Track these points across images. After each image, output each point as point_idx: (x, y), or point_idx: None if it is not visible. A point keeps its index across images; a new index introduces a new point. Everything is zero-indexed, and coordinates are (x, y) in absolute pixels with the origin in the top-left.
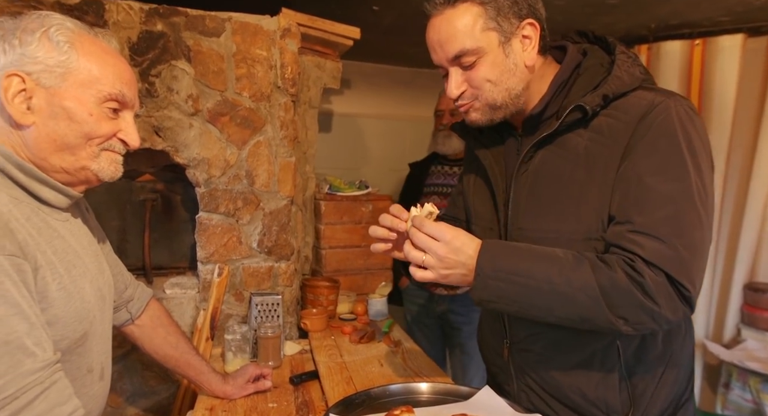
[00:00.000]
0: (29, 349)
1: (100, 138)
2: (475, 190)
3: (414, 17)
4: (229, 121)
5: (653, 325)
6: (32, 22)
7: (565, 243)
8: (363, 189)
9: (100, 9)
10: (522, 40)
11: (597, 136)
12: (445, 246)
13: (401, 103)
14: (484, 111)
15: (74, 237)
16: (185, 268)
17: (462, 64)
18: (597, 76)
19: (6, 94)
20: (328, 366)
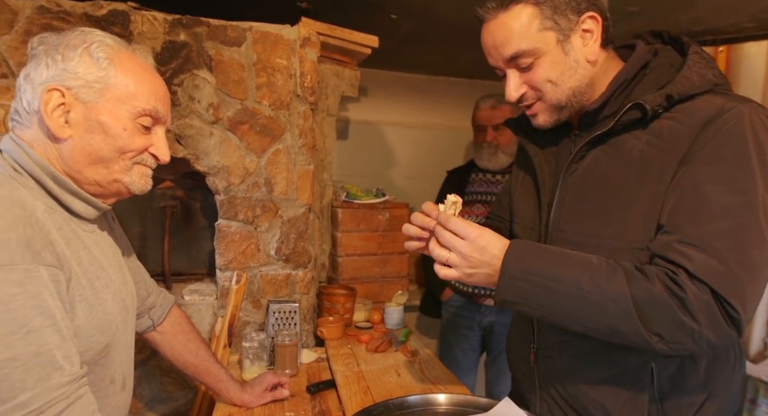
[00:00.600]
0: (58, 363)
1: (133, 152)
2: (521, 188)
3: (432, 26)
4: (249, 130)
5: (692, 346)
6: (75, 38)
7: (607, 250)
8: (380, 197)
9: (125, 20)
10: (582, 34)
11: (655, 140)
12: (469, 245)
13: (418, 111)
14: (550, 112)
15: (99, 248)
16: (203, 274)
17: (519, 66)
18: (665, 76)
19: (46, 107)
20: (345, 376)
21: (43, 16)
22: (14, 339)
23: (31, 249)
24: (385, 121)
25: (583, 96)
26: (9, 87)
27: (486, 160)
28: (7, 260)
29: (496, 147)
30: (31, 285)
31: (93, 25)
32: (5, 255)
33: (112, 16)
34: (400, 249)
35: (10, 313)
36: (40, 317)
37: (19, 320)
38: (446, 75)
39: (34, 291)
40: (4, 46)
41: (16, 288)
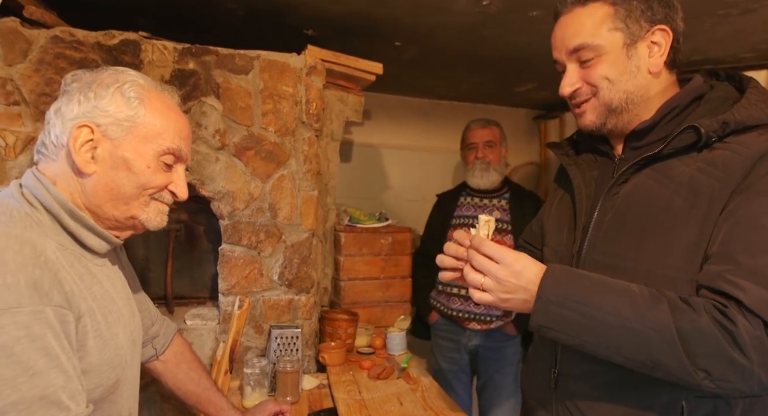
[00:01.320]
0: (64, 403)
1: (154, 189)
2: (555, 212)
3: (435, 53)
4: (254, 155)
5: (742, 385)
6: (108, 76)
7: (643, 275)
8: (383, 221)
9: (136, 49)
10: (650, 45)
11: (707, 167)
12: (505, 269)
13: (420, 134)
14: (600, 112)
15: (110, 281)
16: (206, 298)
17: (580, 59)
18: (720, 108)
19: (75, 143)
20: (347, 404)
21: (56, 46)
22: (19, 383)
23: (39, 291)
24: (389, 144)
25: (635, 106)
26: (21, 114)
27: (478, 178)
28: (15, 303)
29: (487, 164)
30: (37, 327)
31: (105, 55)
32: (13, 298)
33: (123, 46)
34: (403, 274)
35: (15, 356)
36: (44, 359)
37: (24, 363)
38: (449, 99)
39: (40, 333)
40: (17, 75)
41: (21, 332)
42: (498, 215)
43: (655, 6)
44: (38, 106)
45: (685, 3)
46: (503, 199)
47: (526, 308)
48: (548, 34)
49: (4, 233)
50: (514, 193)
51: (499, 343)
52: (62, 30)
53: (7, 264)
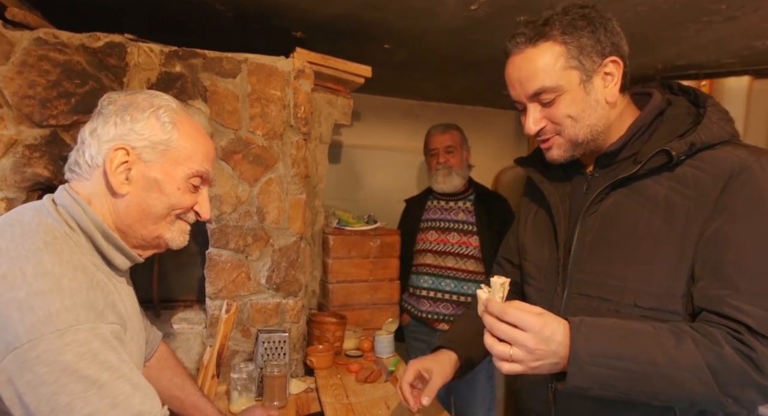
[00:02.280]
0: (136, 408)
1: (181, 209)
2: (532, 228)
3: (424, 55)
4: (242, 159)
5: (762, 402)
6: (143, 100)
7: (630, 294)
8: (371, 223)
9: (122, 51)
10: (604, 77)
11: (679, 187)
12: (534, 338)
13: (410, 136)
14: (566, 147)
15: (128, 298)
16: (193, 302)
17: (541, 101)
18: (682, 125)
19: (111, 164)
20: (334, 408)
21: (40, 48)
22: (90, 395)
23: (95, 310)
24: (378, 145)
25: (599, 135)
26: (3, 117)
27: (442, 183)
28: (74, 321)
29: (449, 168)
30: (96, 343)
31: (89, 57)
32: (71, 317)
33: (108, 48)
34: (391, 276)
35: (80, 372)
36: (107, 372)
37: (90, 377)
38: (438, 101)
39: (100, 348)
40: (0, 77)
41: (83, 348)
42: (508, 279)
43: (602, 38)
44: (21, 108)
45: (669, 9)
46: (468, 201)
47: (557, 369)
48: None
49: (58, 261)
50: (479, 195)
51: None
52: (46, 32)
53: (63, 291)
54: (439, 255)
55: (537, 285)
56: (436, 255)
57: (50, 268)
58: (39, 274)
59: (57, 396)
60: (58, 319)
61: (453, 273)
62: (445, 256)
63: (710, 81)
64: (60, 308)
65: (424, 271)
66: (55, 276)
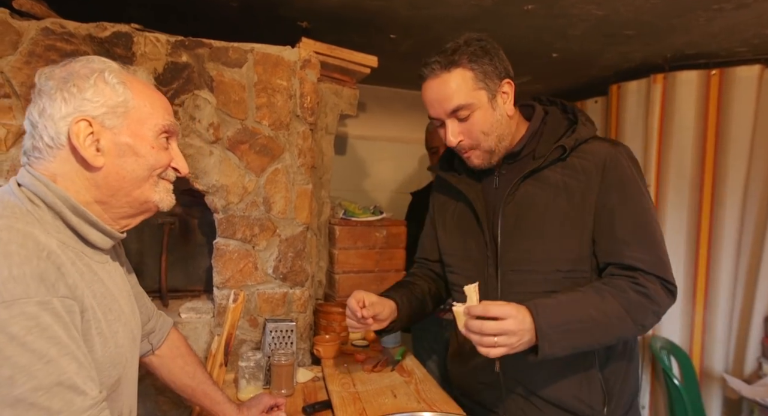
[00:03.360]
0: (80, 388)
1: (161, 168)
2: (453, 222)
3: (430, 45)
4: (249, 149)
5: (656, 322)
6: (82, 67)
7: (551, 262)
8: (377, 214)
9: (128, 41)
10: (502, 95)
11: (571, 172)
12: (515, 321)
13: (415, 127)
14: (484, 157)
15: (112, 279)
16: (200, 291)
17: (458, 117)
18: (560, 127)
19: (78, 139)
20: (341, 396)
21: (47, 38)
22: (35, 370)
23: (45, 282)
24: (384, 136)
25: (506, 143)
26: (11, 107)
27: None
28: (23, 294)
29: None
30: (46, 317)
31: (97, 47)
32: (21, 289)
33: (115, 38)
34: (397, 267)
35: (27, 345)
36: (55, 347)
37: (37, 351)
38: None
39: (48, 323)
40: (7, 67)
41: (31, 322)
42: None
43: (497, 64)
44: (29, 98)
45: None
46: None
47: (529, 345)
48: (542, 27)
49: (6, 226)
50: None
51: None
52: (53, 22)
53: (12, 257)
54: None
55: (466, 273)
56: None
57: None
58: None
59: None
60: (5, 290)
61: None
62: None
63: (720, 70)
64: (8, 277)
65: None
66: (3, 241)
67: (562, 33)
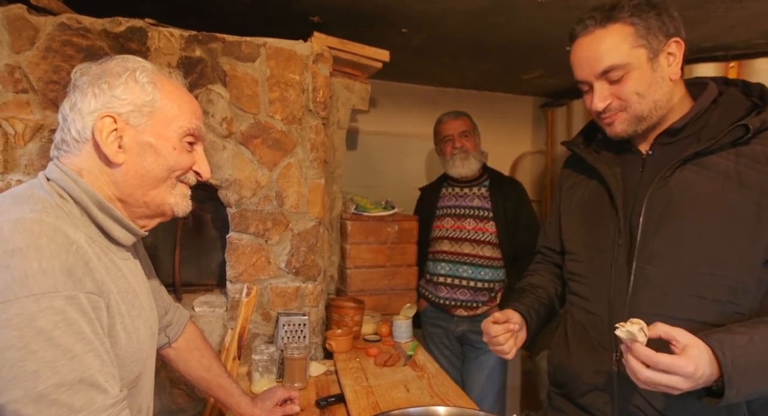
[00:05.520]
0: (102, 386)
1: (181, 170)
2: (582, 208)
3: (442, 40)
4: (261, 144)
5: None
6: (116, 66)
7: (706, 263)
8: (389, 209)
9: (143, 36)
10: (667, 56)
11: (750, 162)
12: (686, 381)
13: (426, 122)
14: (630, 122)
15: (133, 275)
16: (213, 285)
17: (609, 79)
18: (739, 109)
19: (101, 135)
20: (354, 390)
21: (63, 33)
22: (59, 365)
23: (73, 277)
24: (394, 132)
25: (662, 112)
26: (29, 102)
27: (460, 167)
28: (51, 288)
29: (466, 152)
30: (72, 312)
31: (112, 42)
32: (49, 283)
33: (130, 33)
34: (409, 262)
35: (53, 340)
36: (80, 343)
37: (62, 346)
38: (455, 87)
39: (75, 318)
40: (25, 62)
41: (59, 316)
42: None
43: (666, 21)
44: (46, 93)
45: None
46: (483, 187)
47: (707, 383)
48: (556, 20)
49: (38, 220)
50: (493, 180)
51: None
52: (69, 17)
53: (42, 250)
54: (456, 241)
55: (590, 262)
56: (453, 242)
57: (29, 226)
58: (17, 231)
59: (24, 363)
60: (35, 283)
61: (470, 259)
62: (461, 243)
63: (739, 63)
64: (37, 270)
65: (441, 258)
66: (34, 233)
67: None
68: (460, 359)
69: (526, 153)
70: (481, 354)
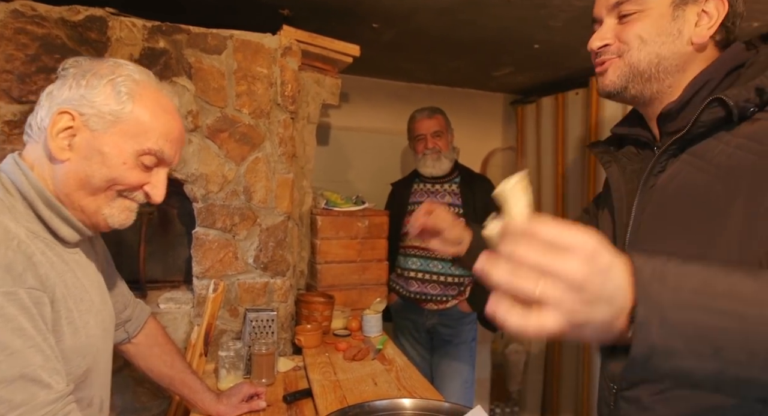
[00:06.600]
0: (44, 381)
1: (124, 186)
2: (603, 212)
3: (413, 35)
4: (228, 138)
5: None
6: (106, 67)
7: None
8: (359, 204)
9: (103, 26)
10: (700, 13)
11: (748, 143)
12: (585, 262)
13: (398, 118)
14: (622, 72)
15: (82, 269)
16: (180, 282)
17: (620, 13)
18: (760, 72)
19: (52, 129)
20: (321, 385)
21: (17, 20)
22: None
23: (12, 273)
24: (366, 127)
25: (668, 75)
26: None
27: (431, 167)
28: None
29: (438, 152)
30: (11, 308)
31: (69, 31)
32: None
33: (89, 22)
34: (379, 257)
35: None
36: (20, 339)
37: (1, 342)
38: (427, 83)
39: (13, 314)
40: None
41: None
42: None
43: None
44: None
45: None
46: (454, 184)
47: (610, 331)
48: (524, 18)
49: None
50: (464, 177)
51: (455, 321)
52: (23, 4)
53: None
54: None
55: None
56: None
57: None
58: None
59: None
60: None
61: (441, 254)
62: None
63: None
64: None
65: (413, 253)
66: None
67: (543, 24)
68: (429, 351)
69: (496, 149)
70: (451, 347)
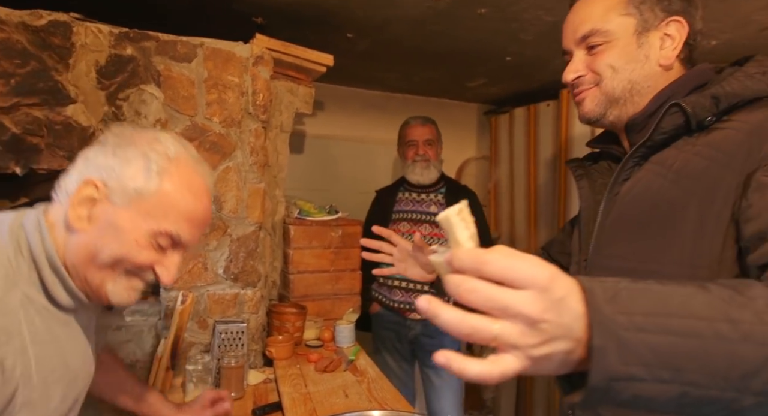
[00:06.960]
0: None
1: (131, 264)
2: (576, 229)
3: (387, 45)
4: (198, 147)
5: None
6: (144, 139)
7: (647, 275)
8: (333, 214)
9: (67, 31)
10: (663, 36)
11: (704, 150)
12: (539, 298)
13: (373, 127)
14: (599, 101)
15: (71, 333)
16: (147, 293)
17: (588, 45)
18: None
19: (75, 197)
20: (292, 397)
21: None
22: None
23: None
24: (341, 136)
25: (641, 98)
26: None
27: (419, 175)
28: None
29: (428, 160)
30: None
31: (31, 36)
32: None
33: (52, 27)
34: (352, 266)
35: None
36: None
37: None
38: (402, 92)
39: None
40: None
41: None
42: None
43: None
44: None
45: None
46: (440, 194)
47: (569, 366)
48: (496, 31)
49: None
50: (449, 188)
51: (438, 331)
52: None
53: None
54: None
55: None
56: None
57: None
58: None
59: None
60: None
61: None
62: None
63: None
64: None
65: None
66: None
67: (514, 37)
68: (409, 363)
69: (470, 158)
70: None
